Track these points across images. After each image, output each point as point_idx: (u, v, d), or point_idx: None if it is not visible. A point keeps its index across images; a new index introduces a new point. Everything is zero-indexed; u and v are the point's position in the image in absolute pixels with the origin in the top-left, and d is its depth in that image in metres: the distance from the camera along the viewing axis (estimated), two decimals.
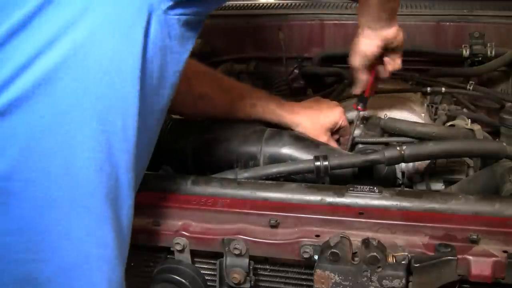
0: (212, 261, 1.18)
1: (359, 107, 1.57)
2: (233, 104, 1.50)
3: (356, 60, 1.49)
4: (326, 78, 2.26)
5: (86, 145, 0.89)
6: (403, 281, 0.99)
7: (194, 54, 2.38)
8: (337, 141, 1.60)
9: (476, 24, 2.10)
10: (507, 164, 1.34)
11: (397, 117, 1.59)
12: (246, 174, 1.38)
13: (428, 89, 1.84)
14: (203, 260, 1.20)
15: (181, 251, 1.14)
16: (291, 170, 1.36)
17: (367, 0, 1.38)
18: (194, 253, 1.16)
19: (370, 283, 1.01)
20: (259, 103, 1.52)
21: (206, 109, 1.50)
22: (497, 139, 1.48)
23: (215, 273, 1.16)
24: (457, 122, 1.62)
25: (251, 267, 1.12)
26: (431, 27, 2.15)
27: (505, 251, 1.00)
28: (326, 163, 1.30)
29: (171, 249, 1.16)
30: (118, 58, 0.90)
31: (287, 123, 1.52)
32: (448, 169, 1.54)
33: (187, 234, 1.13)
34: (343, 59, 2.23)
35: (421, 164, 1.50)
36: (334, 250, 1.01)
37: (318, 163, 1.31)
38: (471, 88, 1.86)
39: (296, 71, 2.32)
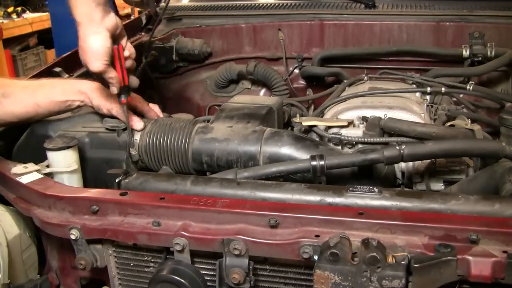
0: (212, 261, 1.18)
1: (123, 100, 1.48)
2: (35, 93, 1.52)
3: (96, 65, 1.40)
4: (326, 78, 2.27)
5: None
6: (403, 281, 0.99)
7: (194, 54, 2.41)
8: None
9: (476, 24, 2.10)
10: (507, 164, 1.34)
11: (397, 117, 1.59)
12: (245, 174, 1.38)
13: (428, 89, 1.84)
14: (203, 260, 1.20)
15: (181, 251, 1.14)
16: (289, 169, 1.36)
17: None
18: (193, 253, 1.16)
19: (369, 283, 1.00)
20: (58, 82, 1.60)
21: (12, 107, 1.50)
22: (497, 139, 1.48)
23: (215, 273, 1.16)
24: (457, 122, 1.63)
25: (250, 267, 1.12)
26: (431, 27, 2.15)
27: (505, 251, 0.99)
28: (322, 162, 1.31)
29: (171, 249, 1.16)
30: None
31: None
32: (448, 169, 1.54)
33: (187, 234, 1.13)
34: (343, 59, 2.26)
35: (421, 164, 1.50)
36: (334, 250, 1.01)
37: (314, 163, 1.31)
38: (471, 88, 1.86)
39: (296, 71, 2.33)
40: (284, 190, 1.26)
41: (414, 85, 1.92)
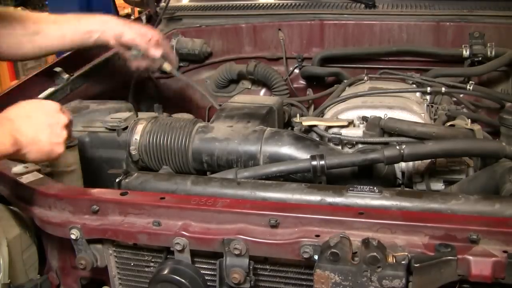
0: (212, 261, 1.18)
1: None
2: (62, 27, 1.69)
3: None
4: (326, 78, 2.27)
5: None
6: (403, 281, 0.99)
7: (194, 54, 2.41)
8: None
9: (476, 24, 2.10)
10: (507, 164, 1.34)
11: (397, 117, 1.59)
12: (246, 174, 1.38)
13: (428, 89, 1.84)
14: (203, 260, 1.20)
15: (181, 251, 1.14)
16: (289, 169, 1.36)
17: None
18: (194, 253, 1.16)
19: (370, 283, 1.00)
20: (84, 16, 1.75)
21: (42, 44, 1.67)
22: (497, 139, 1.48)
23: (215, 273, 1.16)
24: (457, 122, 1.63)
25: (251, 267, 1.12)
26: (431, 27, 2.15)
27: (505, 251, 0.99)
28: (323, 162, 1.31)
29: (171, 249, 1.16)
30: None
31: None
32: (448, 169, 1.54)
33: (187, 234, 1.13)
34: (343, 59, 2.26)
35: (421, 164, 1.50)
36: (334, 250, 1.01)
37: (314, 162, 1.31)
38: (471, 88, 1.86)
39: (296, 71, 2.33)
40: (284, 190, 1.26)
41: (414, 85, 1.92)
